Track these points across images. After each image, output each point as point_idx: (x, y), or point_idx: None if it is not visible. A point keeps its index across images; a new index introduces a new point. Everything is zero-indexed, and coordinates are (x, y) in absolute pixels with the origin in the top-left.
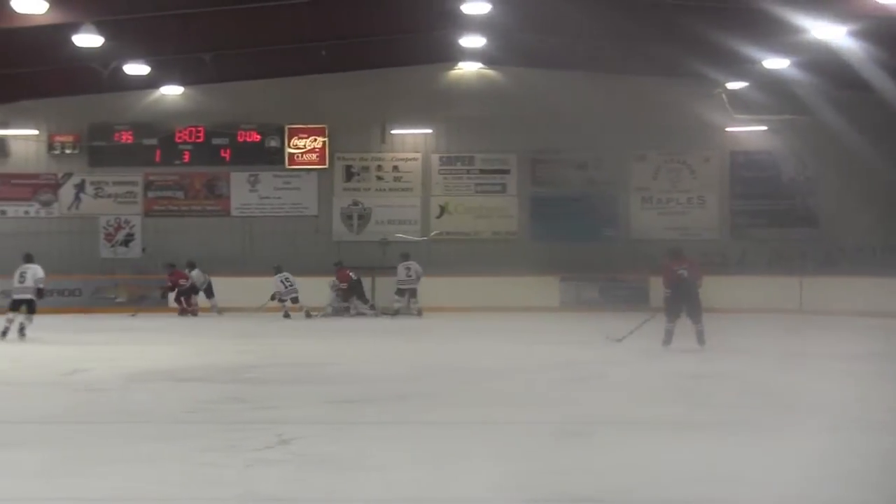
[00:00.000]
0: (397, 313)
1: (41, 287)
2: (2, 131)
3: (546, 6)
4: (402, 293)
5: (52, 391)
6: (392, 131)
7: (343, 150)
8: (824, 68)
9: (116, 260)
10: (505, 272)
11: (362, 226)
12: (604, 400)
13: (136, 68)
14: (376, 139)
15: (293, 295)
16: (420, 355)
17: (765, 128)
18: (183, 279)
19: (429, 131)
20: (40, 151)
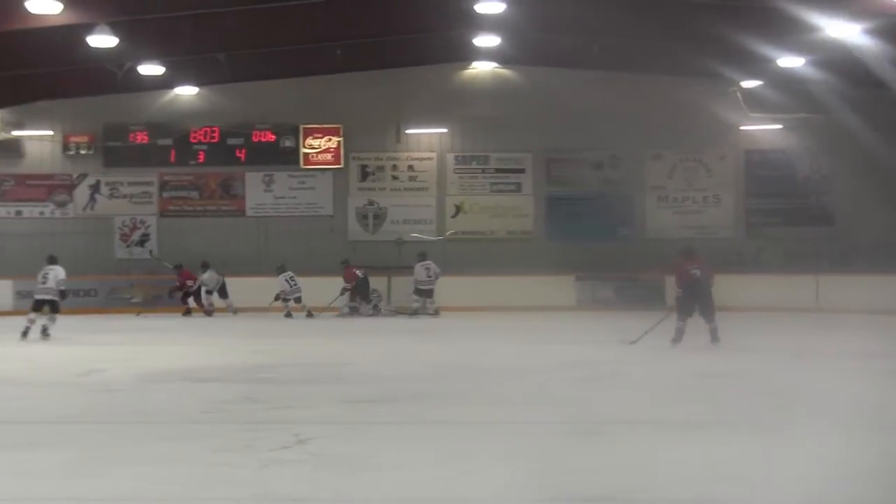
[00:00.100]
0: (416, 313)
1: (63, 289)
2: (17, 132)
3: (560, 5)
4: (421, 293)
5: (67, 392)
6: (407, 131)
7: (358, 149)
8: (839, 67)
9: (132, 260)
10: (520, 271)
11: (378, 225)
12: (618, 399)
13: (151, 69)
14: (391, 139)
15: (297, 294)
16: (435, 355)
17: (780, 126)
18: (190, 280)
19: (444, 131)
20: (55, 152)
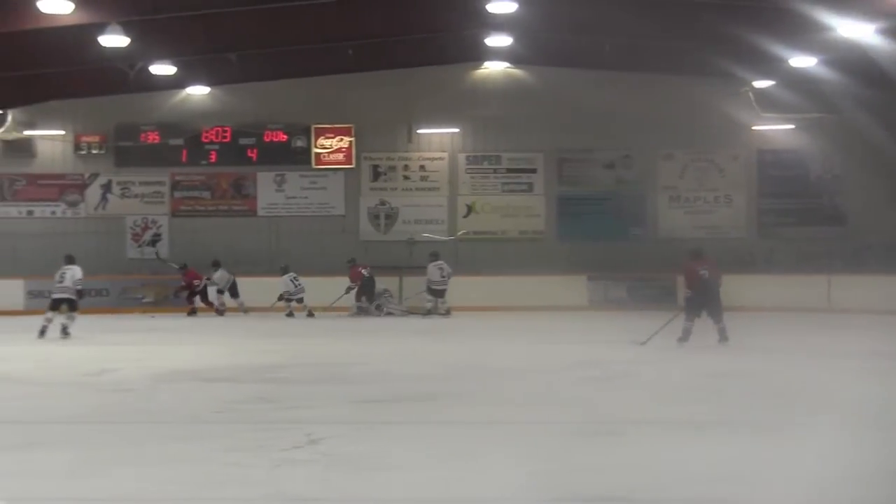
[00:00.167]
0: (429, 313)
1: (80, 288)
2: (28, 132)
3: (572, 5)
4: (434, 293)
5: (78, 391)
6: (418, 131)
7: (370, 149)
8: (852, 67)
9: (143, 260)
10: (532, 271)
11: (389, 225)
12: (626, 400)
13: (162, 68)
14: (403, 139)
15: (301, 295)
16: (446, 355)
17: (792, 126)
18: (196, 279)
19: (455, 131)
20: (67, 152)
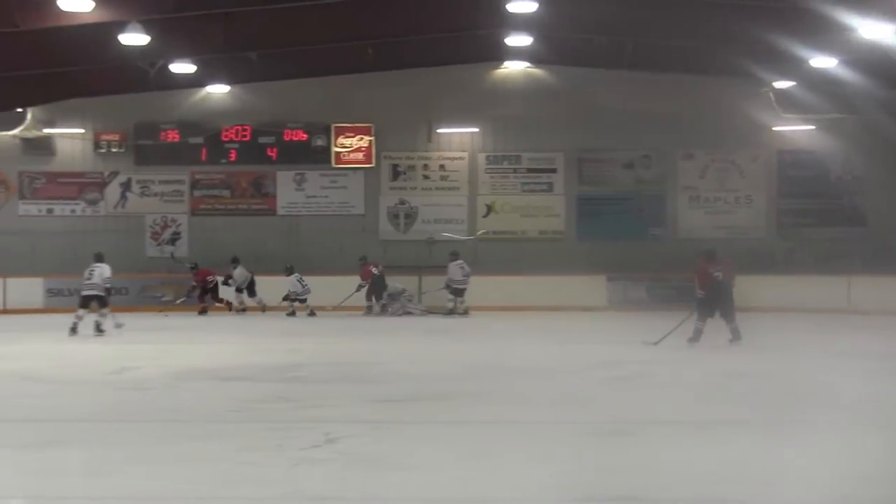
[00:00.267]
0: (451, 313)
1: (109, 287)
2: (48, 130)
3: (592, 5)
4: (455, 292)
5: (98, 390)
6: (438, 130)
7: (389, 148)
8: (872, 67)
9: (163, 259)
10: (551, 271)
11: (409, 225)
12: (645, 400)
13: (182, 67)
14: (423, 138)
15: (306, 295)
16: (464, 355)
17: (812, 127)
18: (210, 275)
19: (475, 130)
20: (86, 150)
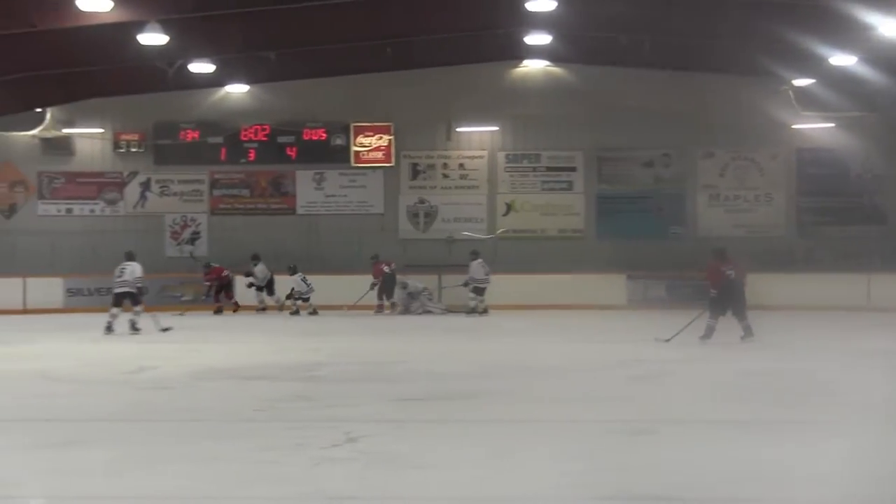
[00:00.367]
0: (473, 311)
1: (140, 286)
2: (67, 130)
3: (612, 3)
4: (478, 291)
5: (117, 389)
6: (458, 129)
7: (409, 147)
8: (892, 65)
9: (182, 258)
10: (571, 270)
11: (428, 224)
12: (668, 398)
13: (201, 66)
14: (442, 137)
15: (310, 294)
16: (485, 353)
17: (832, 125)
18: (225, 270)
19: (495, 129)
20: (106, 150)
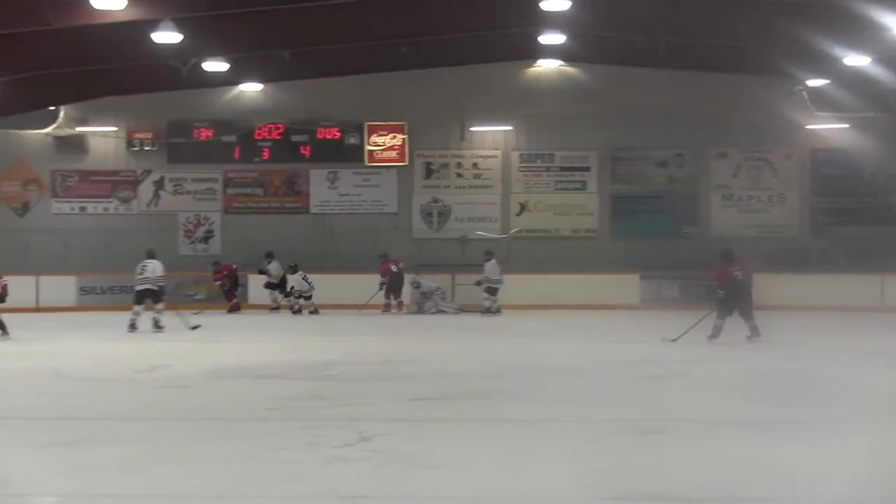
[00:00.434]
0: (489, 311)
1: (162, 284)
2: (81, 128)
3: (626, 3)
4: (492, 291)
5: (131, 388)
6: (472, 128)
7: (423, 147)
8: None
9: (196, 257)
10: (584, 270)
11: (442, 223)
12: (682, 398)
13: (215, 65)
14: (456, 136)
15: (311, 292)
16: (498, 353)
17: (846, 125)
18: (234, 266)
19: (509, 128)
20: (119, 148)
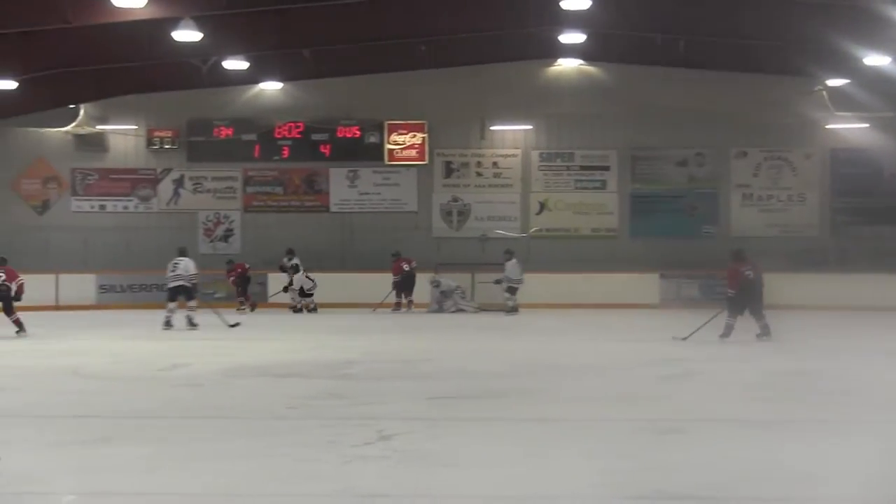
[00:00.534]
0: (512, 310)
1: (195, 282)
2: (101, 126)
3: (646, 2)
4: (512, 291)
5: (150, 386)
6: (491, 127)
7: (442, 145)
8: None
9: (215, 255)
10: (604, 269)
11: (462, 222)
12: (701, 397)
13: (235, 64)
14: (476, 135)
15: (313, 291)
16: (517, 352)
17: (866, 125)
18: (247, 265)
19: (528, 127)
20: (139, 146)
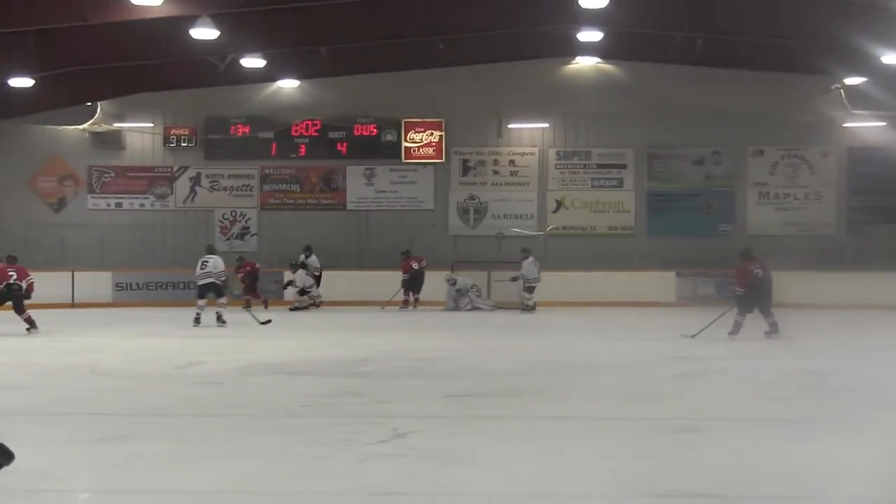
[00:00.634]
0: (530, 309)
1: (224, 279)
2: (118, 124)
3: (663, 0)
4: (529, 290)
5: (165, 384)
6: (509, 125)
7: (459, 144)
8: None
9: (231, 253)
10: (620, 267)
11: (478, 220)
12: (717, 396)
13: (253, 61)
14: (493, 133)
15: (312, 289)
16: (534, 350)
17: (883, 123)
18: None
19: (545, 125)
20: (156, 144)
